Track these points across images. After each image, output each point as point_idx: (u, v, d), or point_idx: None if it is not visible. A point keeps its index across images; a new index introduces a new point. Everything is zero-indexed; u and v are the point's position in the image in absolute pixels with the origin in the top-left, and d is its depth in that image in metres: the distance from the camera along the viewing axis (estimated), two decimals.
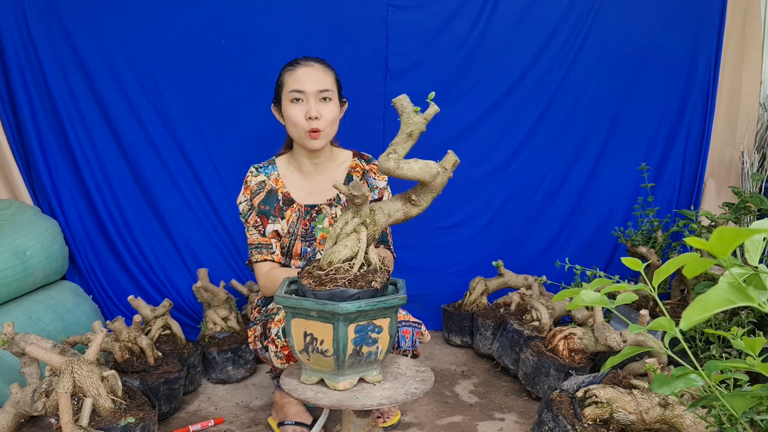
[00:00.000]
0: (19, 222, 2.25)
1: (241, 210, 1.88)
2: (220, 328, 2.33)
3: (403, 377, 1.47)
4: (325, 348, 1.30)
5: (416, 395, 1.37)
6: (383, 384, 1.42)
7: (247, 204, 1.87)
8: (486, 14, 2.66)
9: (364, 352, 1.33)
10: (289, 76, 1.80)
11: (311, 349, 1.32)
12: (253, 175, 1.89)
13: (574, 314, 2.10)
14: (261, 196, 1.87)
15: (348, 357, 1.31)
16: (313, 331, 1.30)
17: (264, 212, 1.86)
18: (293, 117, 1.78)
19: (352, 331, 1.29)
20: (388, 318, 1.35)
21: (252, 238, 1.86)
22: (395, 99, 1.31)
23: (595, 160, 2.88)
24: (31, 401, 1.52)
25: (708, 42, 2.87)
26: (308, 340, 1.32)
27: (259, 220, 1.86)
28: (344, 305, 1.24)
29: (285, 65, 1.87)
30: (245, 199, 1.87)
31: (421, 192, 1.39)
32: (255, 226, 1.86)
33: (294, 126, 1.80)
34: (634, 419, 1.47)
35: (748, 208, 2.38)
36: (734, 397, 0.86)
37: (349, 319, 1.27)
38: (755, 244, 0.71)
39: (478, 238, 2.86)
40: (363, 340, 1.31)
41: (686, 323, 0.61)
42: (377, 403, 1.32)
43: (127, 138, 2.52)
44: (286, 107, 1.81)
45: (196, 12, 2.47)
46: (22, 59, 2.40)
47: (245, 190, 1.88)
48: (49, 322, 2.12)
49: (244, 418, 1.99)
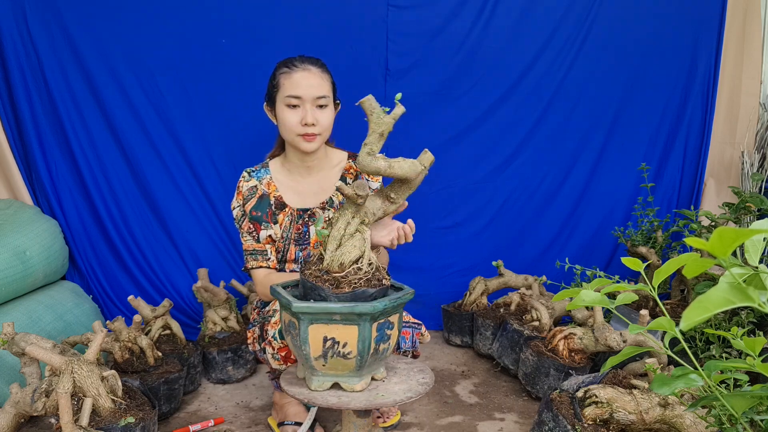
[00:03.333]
0: (19, 222, 2.25)
1: (235, 216, 1.87)
2: (220, 328, 2.33)
3: (402, 373, 1.48)
4: (349, 350, 1.30)
5: (428, 385, 1.41)
6: (390, 380, 1.43)
7: (240, 210, 1.85)
8: (486, 14, 2.67)
9: (381, 349, 1.35)
10: (286, 79, 1.75)
11: (331, 353, 1.30)
12: (245, 180, 1.87)
13: (574, 314, 2.10)
14: (252, 202, 1.85)
15: (370, 356, 1.32)
16: (335, 335, 1.29)
17: (256, 218, 1.84)
18: (288, 122, 1.75)
19: (375, 329, 1.31)
20: (398, 313, 1.38)
21: (247, 244, 1.85)
22: (362, 100, 1.31)
23: (595, 160, 2.88)
24: (31, 401, 1.52)
25: (708, 42, 2.87)
26: (328, 345, 1.30)
27: (252, 226, 1.84)
28: (375, 305, 1.25)
29: (280, 64, 1.81)
30: (238, 204, 1.86)
31: (400, 189, 1.40)
32: (249, 233, 1.85)
33: (288, 130, 1.77)
34: (634, 419, 1.47)
35: (748, 208, 2.38)
36: (734, 397, 0.86)
37: (374, 318, 1.28)
38: (755, 244, 0.71)
39: (478, 238, 2.86)
40: (381, 338, 1.34)
41: (686, 323, 0.61)
42: (404, 396, 1.34)
43: (127, 138, 2.52)
44: (281, 110, 1.77)
45: (196, 12, 2.48)
46: (22, 59, 2.40)
47: (237, 195, 1.87)
48: (49, 322, 2.12)
49: (244, 418, 1.99)
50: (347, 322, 1.28)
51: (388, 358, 1.50)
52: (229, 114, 2.57)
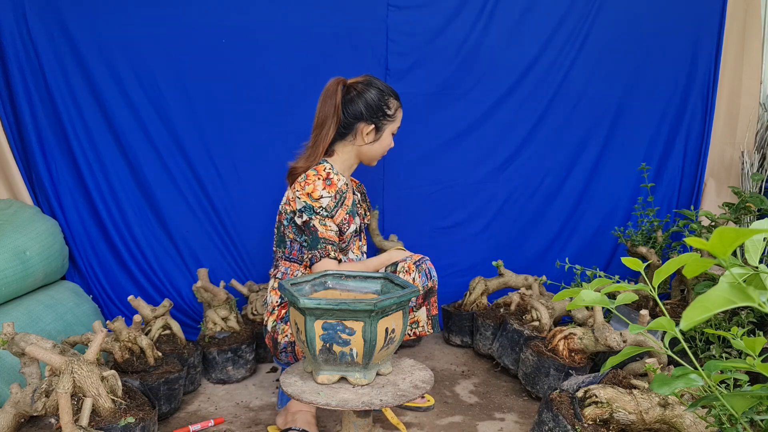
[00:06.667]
0: (19, 222, 2.25)
1: (326, 205, 1.86)
2: (220, 328, 2.33)
3: (402, 371, 1.48)
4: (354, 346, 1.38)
5: (432, 376, 1.49)
6: (393, 375, 1.48)
7: (332, 200, 1.87)
8: (486, 14, 2.67)
9: (386, 345, 1.42)
10: (399, 113, 2.01)
11: (388, 341, 1.39)
12: (334, 172, 1.92)
13: (574, 314, 2.10)
14: (350, 197, 1.95)
15: (376, 352, 1.39)
16: (387, 325, 1.38)
17: (353, 212, 1.95)
18: (387, 147, 2.03)
19: (380, 326, 1.39)
20: (402, 310, 1.46)
21: (329, 233, 1.87)
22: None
23: (595, 160, 2.88)
24: (31, 401, 1.52)
25: (708, 42, 2.87)
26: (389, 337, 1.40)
27: (347, 218, 1.92)
28: (379, 302, 1.36)
29: (395, 95, 1.99)
30: (330, 195, 1.87)
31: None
32: (340, 224, 1.90)
33: (382, 152, 2.03)
34: (634, 419, 1.47)
35: (748, 208, 2.38)
36: (734, 397, 0.86)
37: (379, 314, 1.37)
38: (755, 244, 0.71)
39: (478, 238, 2.86)
40: (386, 334, 1.41)
41: (686, 323, 0.61)
42: (429, 387, 1.43)
43: (127, 138, 2.51)
44: (387, 136, 2.00)
45: (196, 12, 2.47)
46: (22, 59, 2.39)
47: (329, 186, 1.88)
48: (49, 322, 2.12)
49: (244, 418, 1.99)
50: (353, 319, 1.31)
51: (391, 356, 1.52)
52: (230, 113, 2.57)
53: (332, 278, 1.60)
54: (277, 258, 2.01)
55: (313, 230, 1.85)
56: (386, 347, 1.39)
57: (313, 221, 1.85)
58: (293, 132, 2.44)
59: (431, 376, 1.49)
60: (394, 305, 1.36)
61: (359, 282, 1.58)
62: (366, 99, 1.92)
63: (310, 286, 1.53)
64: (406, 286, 1.45)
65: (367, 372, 1.40)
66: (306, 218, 1.86)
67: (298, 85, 2.56)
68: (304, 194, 1.86)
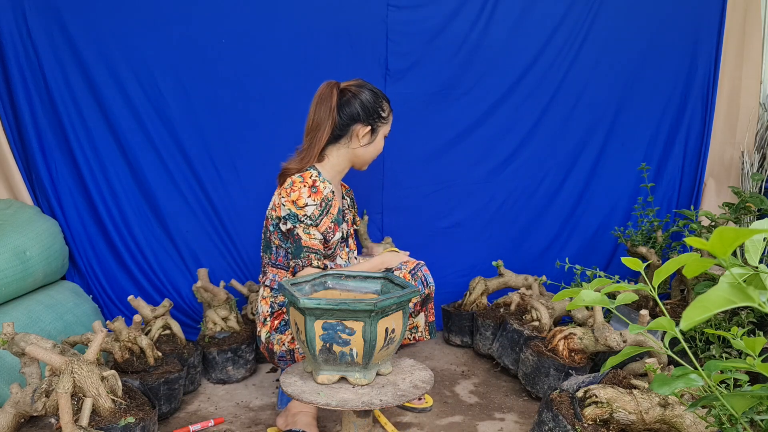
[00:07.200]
0: (19, 222, 2.25)
1: (311, 213, 1.83)
2: (220, 328, 2.33)
3: (402, 371, 1.48)
4: (354, 346, 1.37)
5: (432, 376, 1.49)
6: (393, 375, 1.48)
7: (317, 209, 1.85)
8: (486, 14, 2.67)
9: (386, 345, 1.42)
10: (391, 116, 2.02)
11: (388, 341, 1.40)
12: (321, 180, 1.88)
13: (574, 314, 2.10)
14: (335, 204, 1.91)
15: (376, 352, 1.39)
16: (387, 325, 1.38)
17: (337, 221, 1.92)
18: (380, 149, 2.03)
19: (379, 326, 1.39)
20: (402, 310, 1.46)
21: (313, 242, 1.83)
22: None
23: (595, 159, 2.88)
24: (31, 401, 1.52)
25: (708, 42, 2.87)
26: (389, 337, 1.40)
27: (332, 227, 1.89)
28: (378, 302, 1.36)
29: (387, 98, 1.99)
30: (315, 203, 1.84)
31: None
32: (325, 232, 1.87)
33: (374, 155, 2.02)
34: (634, 419, 1.47)
35: (748, 208, 2.38)
36: (734, 397, 0.86)
37: (378, 314, 1.37)
38: (755, 244, 0.71)
39: (478, 238, 2.86)
40: (386, 334, 1.41)
41: (686, 323, 0.61)
42: (429, 387, 1.44)
43: (127, 138, 2.51)
44: (380, 140, 2.01)
45: (196, 12, 2.47)
46: (22, 59, 2.39)
47: (315, 194, 1.85)
48: (49, 322, 2.12)
49: (244, 418, 1.99)
50: (353, 319, 1.31)
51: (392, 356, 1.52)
52: (230, 114, 2.57)
53: (332, 278, 1.60)
54: (264, 264, 2.00)
55: (297, 238, 1.83)
56: (386, 347, 1.39)
57: (297, 230, 1.83)
58: (293, 132, 2.44)
59: (431, 376, 1.49)
60: (394, 305, 1.36)
61: (359, 282, 1.58)
62: (362, 100, 1.92)
63: (310, 286, 1.54)
64: (406, 286, 1.46)
65: (367, 372, 1.40)
66: (290, 226, 1.84)
67: (298, 85, 2.56)
68: (288, 201, 1.84)
